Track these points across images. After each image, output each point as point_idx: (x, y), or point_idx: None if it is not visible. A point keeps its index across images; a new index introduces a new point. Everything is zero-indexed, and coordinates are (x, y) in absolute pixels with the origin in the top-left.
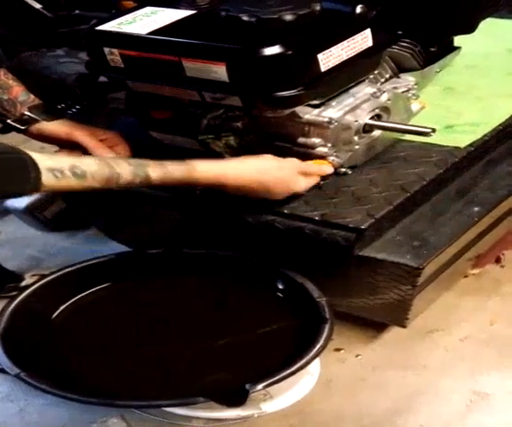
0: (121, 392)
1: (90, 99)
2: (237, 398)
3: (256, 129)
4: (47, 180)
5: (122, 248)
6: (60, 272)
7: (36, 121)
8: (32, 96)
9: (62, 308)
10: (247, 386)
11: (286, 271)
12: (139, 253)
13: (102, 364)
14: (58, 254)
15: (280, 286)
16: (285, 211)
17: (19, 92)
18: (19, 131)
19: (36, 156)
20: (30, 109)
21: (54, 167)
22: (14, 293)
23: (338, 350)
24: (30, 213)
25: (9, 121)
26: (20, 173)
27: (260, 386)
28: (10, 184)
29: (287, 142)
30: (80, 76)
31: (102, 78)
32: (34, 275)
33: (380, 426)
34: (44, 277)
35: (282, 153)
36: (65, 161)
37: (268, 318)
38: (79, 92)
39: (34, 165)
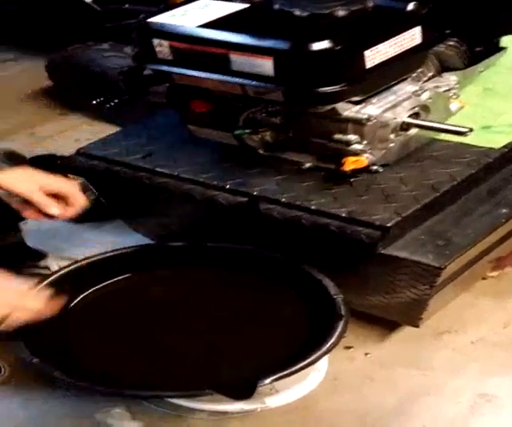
0: (129, 382)
1: (133, 91)
2: (245, 390)
3: (294, 125)
4: None
5: (146, 240)
6: (81, 262)
7: None
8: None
9: (81, 297)
10: (255, 379)
11: (305, 267)
12: (161, 245)
13: (113, 354)
14: (82, 245)
15: (298, 282)
16: (313, 207)
17: None
18: None
19: None
20: None
21: None
22: (34, 270)
23: (348, 347)
24: None
25: None
26: None
27: (268, 380)
28: None
29: (323, 139)
30: (124, 69)
31: (146, 72)
32: (57, 258)
33: (384, 424)
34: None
35: (317, 149)
36: None
37: (282, 312)
38: (122, 84)
39: None
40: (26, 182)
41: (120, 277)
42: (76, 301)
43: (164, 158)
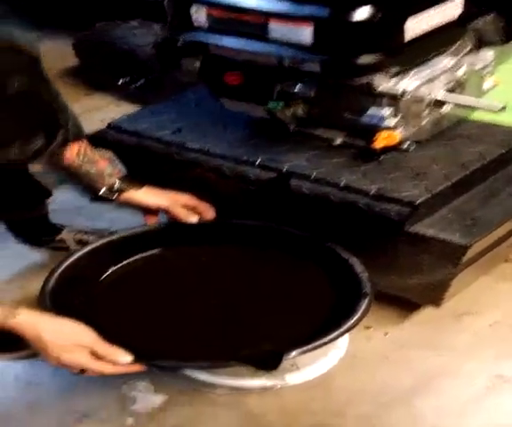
0: (156, 355)
1: (166, 64)
2: (270, 362)
3: (326, 99)
4: None
5: None
6: (112, 237)
7: (124, 190)
8: (117, 168)
9: (112, 270)
10: (281, 352)
11: (331, 245)
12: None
13: (140, 328)
14: (107, 224)
15: (324, 260)
16: (342, 183)
17: (104, 165)
18: (108, 200)
19: None
20: (118, 181)
21: None
22: (50, 244)
23: (367, 327)
24: None
25: (101, 193)
26: None
27: (293, 353)
28: None
29: (356, 114)
30: (157, 42)
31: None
32: (73, 230)
33: (398, 404)
34: (97, 239)
35: (349, 125)
36: None
37: (308, 289)
38: (156, 56)
39: None
40: (163, 199)
41: (148, 253)
42: (106, 274)
43: (194, 133)
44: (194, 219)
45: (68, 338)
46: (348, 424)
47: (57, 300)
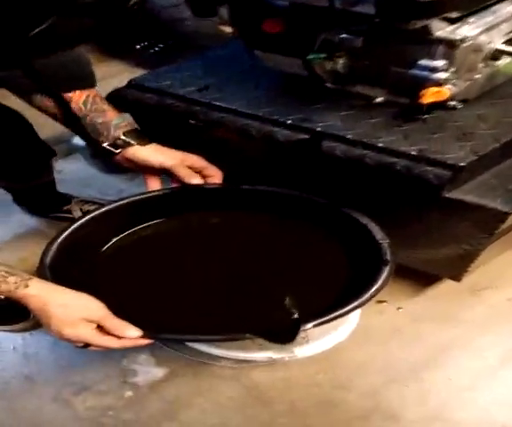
0: (164, 327)
1: (200, 10)
2: (287, 335)
3: (374, 49)
4: None
5: None
6: (113, 205)
7: (130, 145)
8: (125, 121)
9: (114, 240)
10: (298, 323)
11: (352, 212)
12: (194, 188)
13: (144, 298)
14: (116, 196)
15: (343, 227)
16: (380, 144)
17: (112, 116)
18: (111, 155)
19: None
20: (124, 134)
21: None
22: (57, 214)
23: (380, 302)
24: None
25: (104, 145)
26: None
27: (310, 324)
28: None
29: (405, 66)
30: None
31: None
32: (81, 200)
33: (406, 378)
34: (96, 208)
35: (394, 80)
36: None
37: (326, 258)
38: (190, 2)
39: None
40: (168, 157)
41: (155, 221)
42: (108, 244)
43: (221, 91)
44: (196, 180)
45: (76, 312)
46: (353, 399)
47: (56, 270)
